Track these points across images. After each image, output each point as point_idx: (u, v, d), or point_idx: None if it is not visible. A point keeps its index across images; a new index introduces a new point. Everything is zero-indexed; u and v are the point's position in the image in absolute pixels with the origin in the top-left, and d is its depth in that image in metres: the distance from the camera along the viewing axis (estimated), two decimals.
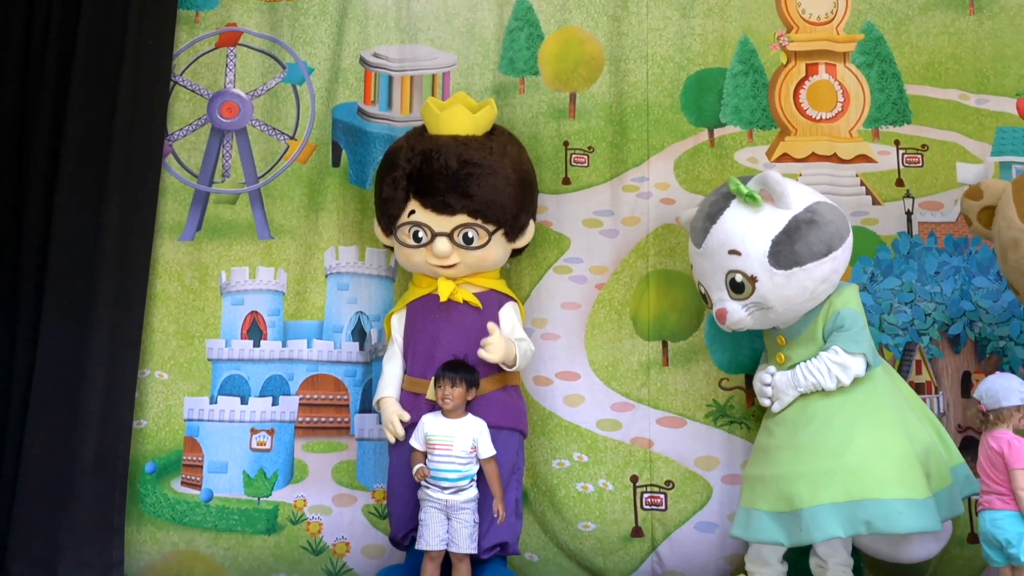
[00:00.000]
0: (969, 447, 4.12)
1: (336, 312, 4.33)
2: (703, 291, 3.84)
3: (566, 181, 4.40)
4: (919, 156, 4.38)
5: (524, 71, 4.49)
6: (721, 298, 3.73)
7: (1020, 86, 4.42)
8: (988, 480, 3.41)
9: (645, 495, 4.15)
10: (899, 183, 4.35)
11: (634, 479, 4.16)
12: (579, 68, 4.48)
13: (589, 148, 4.43)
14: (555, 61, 4.49)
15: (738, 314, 3.69)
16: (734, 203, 3.70)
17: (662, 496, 4.14)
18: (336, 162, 4.46)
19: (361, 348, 4.30)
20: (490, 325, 3.80)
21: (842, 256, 3.73)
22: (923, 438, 3.66)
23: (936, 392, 4.18)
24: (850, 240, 3.76)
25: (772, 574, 3.76)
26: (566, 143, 4.42)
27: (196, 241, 4.40)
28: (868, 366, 3.68)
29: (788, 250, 3.61)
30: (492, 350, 3.75)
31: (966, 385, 4.19)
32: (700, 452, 4.15)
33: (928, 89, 4.41)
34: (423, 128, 4.10)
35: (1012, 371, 4.12)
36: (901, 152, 4.38)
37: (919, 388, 4.17)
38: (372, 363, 4.25)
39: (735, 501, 4.04)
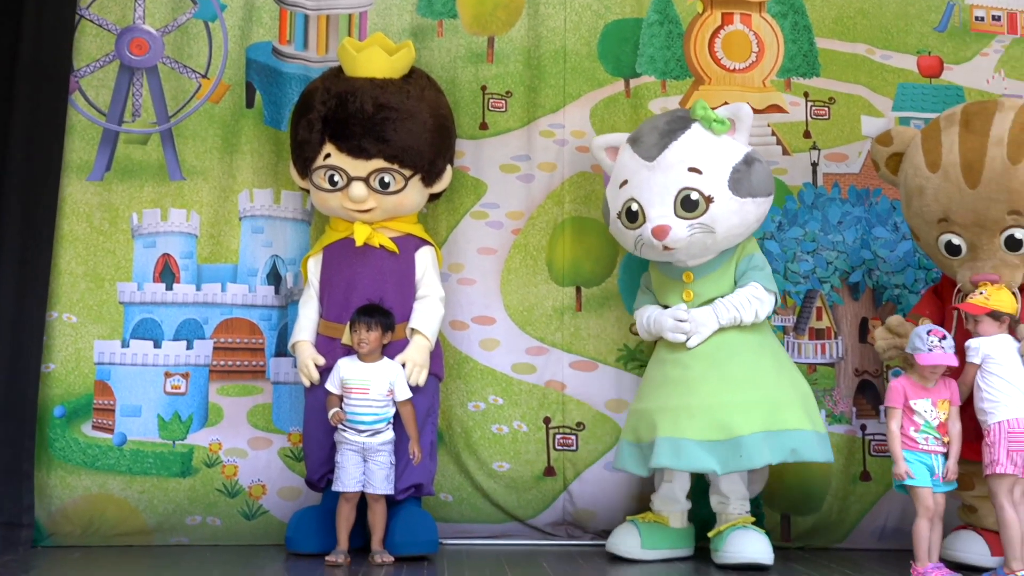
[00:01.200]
0: (864, 389, 4.34)
1: (251, 255, 4.29)
2: (635, 208, 3.84)
3: (483, 126, 4.41)
4: (826, 108, 4.50)
5: (442, 14, 4.45)
6: (664, 214, 3.77)
7: (921, 44, 4.56)
8: None
9: (557, 436, 4.26)
10: (806, 135, 4.48)
11: (547, 421, 4.26)
12: (498, 11, 4.46)
13: (507, 93, 4.43)
14: (474, 4, 4.45)
15: (681, 232, 3.75)
16: (695, 126, 3.82)
17: (573, 437, 4.26)
18: (250, 103, 4.37)
19: (277, 292, 4.28)
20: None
21: (772, 200, 3.95)
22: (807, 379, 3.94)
23: (835, 337, 4.36)
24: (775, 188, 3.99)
25: (679, 509, 3.91)
26: (484, 88, 4.42)
27: (105, 181, 4.29)
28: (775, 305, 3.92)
29: (747, 179, 3.77)
30: (415, 373, 3.79)
31: (863, 331, 4.38)
32: (610, 395, 4.28)
33: (836, 43, 4.53)
34: (339, 69, 4.05)
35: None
36: (809, 104, 4.50)
37: (819, 333, 4.35)
38: (288, 307, 4.24)
39: None
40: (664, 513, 3.90)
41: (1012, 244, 3.68)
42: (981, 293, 3.56)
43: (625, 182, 3.89)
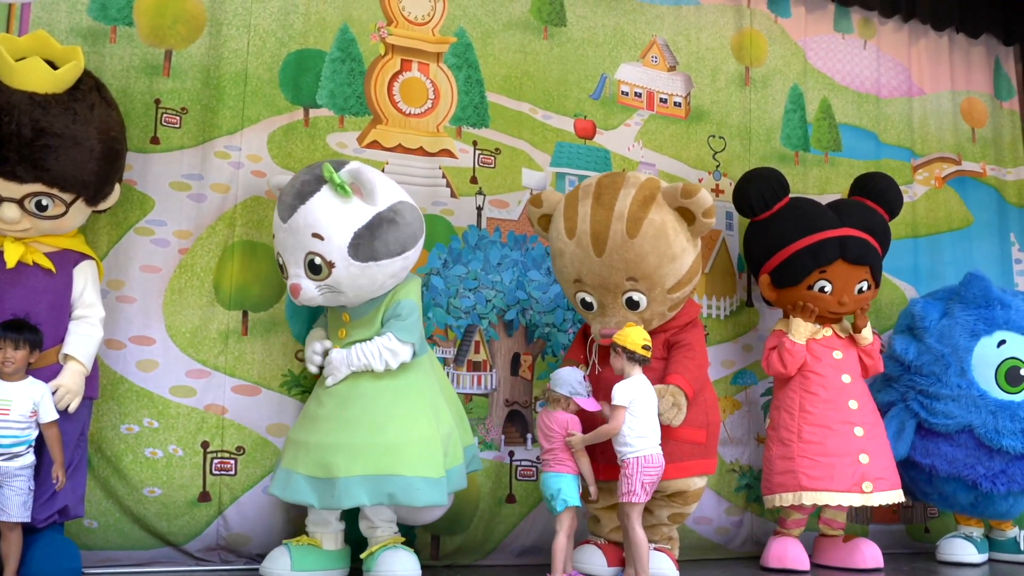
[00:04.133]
0: (513, 419, 4.70)
1: None
2: (281, 262, 3.95)
3: (155, 140, 4.27)
4: (492, 158, 4.86)
5: (117, 20, 4.27)
6: (297, 274, 3.87)
7: (578, 108, 5.08)
8: (544, 448, 4.02)
9: (215, 460, 4.19)
10: (473, 180, 4.79)
11: (205, 445, 4.18)
12: (177, 25, 4.35)
13: (182, 109, 4.33)
14: (152, 14, 4.32)
15: (311, 292, 3.87)
16: (325, 188, 3.84)
17: (232, 461, 4.21)
18: None
19: None
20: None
21: (413, 256, 4.02)
22: (447, 422, 4.04)
23: (491, 370, 4.69)
24: (422, 241, 4.06)
25: (331, 531, 3.99)
26: (158, 101, 4.29)
27: None
28: (415, 354, 4.01)
29: (367, 245, 3.83)
30: (67, 399, 3.60)
31: (515, 364, 4.75)
32: (272, 419, 4.28)
33: (505, 99, 4.91)
34: None
35: (554, 354, 4.75)
36: (478, 152, 4.83)
37: (476, 366, 4.65)
38: None
39: None
40: (317, 535, 3.96)
41: (631, 304, 4.15)
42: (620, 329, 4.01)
43: (274, 236, 3.98)
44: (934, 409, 4.94)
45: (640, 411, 3.89)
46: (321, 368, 4.04)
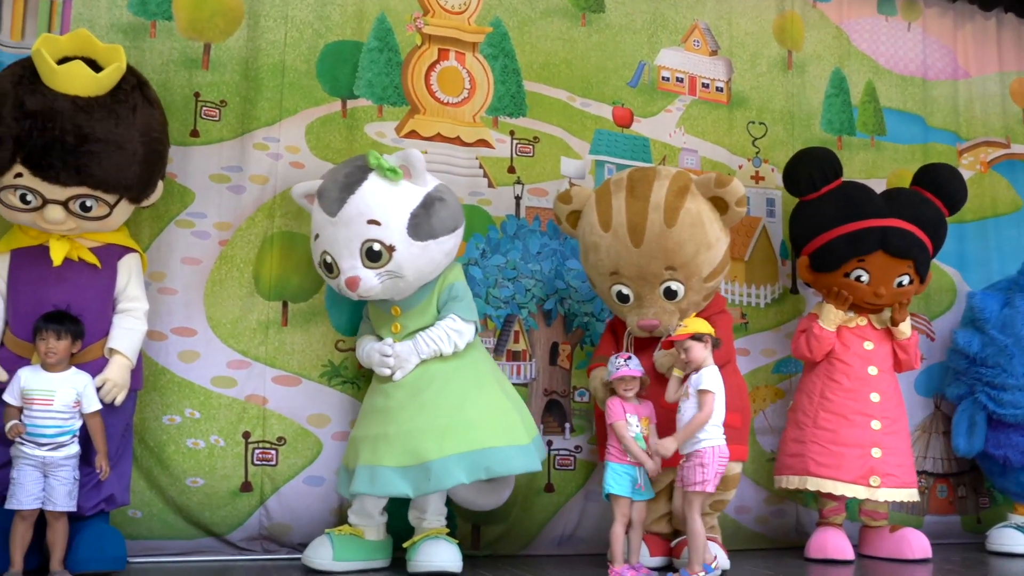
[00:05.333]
0: (552, 408, 4.67)
1: None
2: (329, 260, 3.93)
3: (195, 133, 4.29)
4: (531, 147, 4.82)
5: (156, 14, 4.29)
6: (354, 266, 3.86)
7: (616, 95, 5.02)
8: None
9: (256, 451, 4.21)
10: (511, 170, 4.77)
11: (246, 435, 4.20)
12: (215, 18, 4.37)
13: (221, 102, 4.35)
14: (190, 8, 4.34)
15: (371, 282, 3.85)
16: (372, 176, 3.86)
17: (273, 452, 4.23)
18: None
19: None
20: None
21: (461, 233, 4.08)
22: (515, 394, 4.13)
23: (530, 359, 4.67)
24: (464, 220, 4.12)
25: (374, 524, 4.00)
26: (197, 94, 4.31)
27: None
28: (476, 332, 4.06)
29: (426, 223, 3.86)
30: (113, 392, 3.64)
31: (554, 354, 4.72)
32: (313, 410, 4.29)
33: (542, 87, 4.87)
34: (34, 73, 3.57)
35: (592, 343, 4.72)
36: (515, 142, 4.80)
37: (516, 355, 4.63)
38: None
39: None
40: (360, 526, 3.98)
41: (669, 294, 4.15)
42: (681, 324, 3.95)
43: (317, 236, 3.96)
44: (1002, 400, 4.92)
45: (718, 402, 3.83)
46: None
